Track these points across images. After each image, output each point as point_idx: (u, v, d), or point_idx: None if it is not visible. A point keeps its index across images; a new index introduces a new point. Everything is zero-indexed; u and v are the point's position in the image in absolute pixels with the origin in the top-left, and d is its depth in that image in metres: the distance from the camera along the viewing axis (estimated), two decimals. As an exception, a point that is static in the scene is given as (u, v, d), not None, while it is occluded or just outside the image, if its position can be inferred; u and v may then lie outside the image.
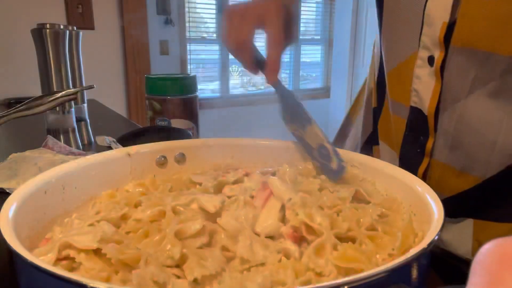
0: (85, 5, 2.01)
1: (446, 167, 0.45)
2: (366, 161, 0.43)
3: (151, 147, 0.48)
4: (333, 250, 0.30)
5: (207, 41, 3.23)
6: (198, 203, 0.36)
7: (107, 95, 1.93)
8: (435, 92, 0.43)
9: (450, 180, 0.45)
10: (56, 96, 0.60)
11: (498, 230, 0.43)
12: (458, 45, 0.40)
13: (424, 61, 0.43)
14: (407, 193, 0.37)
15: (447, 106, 0.43)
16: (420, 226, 0.33)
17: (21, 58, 1.79)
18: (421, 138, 0.46)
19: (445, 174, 0.45)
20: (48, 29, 0.81)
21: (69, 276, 0.21)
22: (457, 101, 0.42)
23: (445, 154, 0.44)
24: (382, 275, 0.22)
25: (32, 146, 0.75)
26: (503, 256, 0.15)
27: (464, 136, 0.42)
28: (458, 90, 0.41)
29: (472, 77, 0.40)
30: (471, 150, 0.42)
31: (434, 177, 0.46)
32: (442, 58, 0.41)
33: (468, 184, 0.43)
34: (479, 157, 0.42)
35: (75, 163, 0.40)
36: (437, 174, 0.46)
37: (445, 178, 0.45)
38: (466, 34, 0.39)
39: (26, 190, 0.33)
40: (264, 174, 0.43)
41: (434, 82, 0.43)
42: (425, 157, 0.46)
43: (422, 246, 0.24)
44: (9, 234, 0.26)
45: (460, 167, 0.44)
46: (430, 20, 0.41)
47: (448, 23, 0.40)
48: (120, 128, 1.15)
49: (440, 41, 0.41)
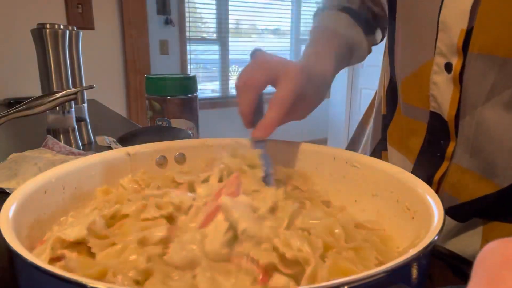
0: (85, 5, 2.01)
1: (467, 171, 0.44)
2: (366, 161, 0.43)
3: (151, 147, 0.48)
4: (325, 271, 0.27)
5: (207, 41, 3.23)
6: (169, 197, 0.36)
7: (107, 95, 1.93)
8: (453, 98, 0.42)
9: (469, 184, 0.44)
10: (56, 96, 0.60)
11: (509, 230, 0.43)
12: (475, 51, 0.40)
13: (440, 67, 0.43)
14: (407, 193, 0.37)
15: (466, 112, 0.42)
16: (420, 227, 0.33)
17: (21, 58, 1.80)
18: (442, 142, 0.46)
19: (464, 178, 0.45)
20: (48, 29, 0.81)
21: (69, 276, 0.21)
22: (475, 107, 0.41)
23: (466, 159, 0.44)
24: (382, 275, 0.22)
25: (32, 146, 0.75)
26: (504, 257, 0.15)
27: (483, 142, 0.42)
28: (476, 96, 0.41)
29: (490, 84, 0.40)
30: (491, 156, 0.42)
31: (451, 181, 0.46)
32: (460, 65, 0.41)
33: (488, 189, 0.43)
34: (498, 163, 0.42)
35: (75, 163, 0.40)
36: (455, 179, 0.45)
37: (463, 182, 0.45)
38: (484, 40, 0.39)
39: (26, 190, 0.33)
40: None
41: (452, 89, 0.42)
42: (444, 161, 0.46)
43: (422, 246, 0.24)
44: (9, 234, 0.26)
45: (481, 172, 0.43)
46: (446, 27, 0.41)
47: (466, 30, 0.40)
48: (120, 128, 1.15)
49: (458, 48, 0.41)
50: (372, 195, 0.42)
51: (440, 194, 0.45)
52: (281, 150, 0.49)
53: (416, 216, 0.35)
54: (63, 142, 0.83)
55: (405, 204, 0.37)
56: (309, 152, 0.48)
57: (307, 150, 0.48)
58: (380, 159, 0.42)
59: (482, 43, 0.39)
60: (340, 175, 0.45)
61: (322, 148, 0.48)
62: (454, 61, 0.41)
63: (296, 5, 3.57)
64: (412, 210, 0.36)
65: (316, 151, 0.48)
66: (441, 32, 0.42)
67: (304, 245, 0.28)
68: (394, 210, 0.39)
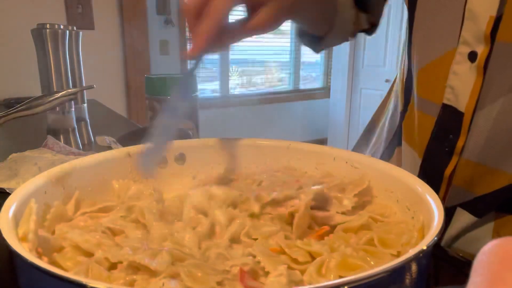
0: (85, 5, 2.01)
1: (478, 165, 0.44)
2: (366, 161, 0.43)
3: (151, 147, 0.48)
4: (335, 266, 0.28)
5: (207, 41, 3.22)
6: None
7: (107, 95, 1.93)
8: (475, 88, 0.42)
9: (482, 178, 0.44)
10: (56, 96, 0.60)
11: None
12: (503, 40, 0.39)
13: (464, 57, 0.43)
14: (407, 193, 0.37)
15: (485, 104, 0.42)
16: (419, 226, 0.33)
17: (21, 58, 1.79)
18: (451, 137, 0.45)
19: (476, 172, 0.44)
20: (48, 29, 0.81)
21: (69, 276, 0.21)
22: (498, 98, 0.41)
23: (477, 153, 0.44)
24: (382, 275, 0.22)
25: (32, 146, 0.75)
26: (504, 256, 0.15)
27: (500, 134, 0.42)
28: (499, 87, 0.41)
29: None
30: (506, 148, 0.42)
31: (463, 176, 0.45)
32: (486, 54, 0.41)
33: (504, 182, 0.43)
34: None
35: (75, 163, 0.40)
36: (467, 174, 0.45)
37: (476, 177, 0.44)
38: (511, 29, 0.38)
39: (26, 190, 0.33)
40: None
41: (474, 78, 0.42)
42: (453, 156, 0.45)
43: (422, 246, 0.24)
44: (9, 234, 0.26)
45: (494, 165, 0.43)
46: (474, 15, 0.41)
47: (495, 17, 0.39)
48: (120, 128, 1.15)
49: (486, 36, 0.40)
50: (373, 195, 0.42)
51: (454, 189, 0.46)
52: (281, 150, 0.49)
53: (416, 216, 0.35)
54: (63, 142, 0.83)
55: (405, 204, 0.37)
56: (309, 152, 0.48)
57: (307, 150, 0.48)
58: (393, 155, 0.41)
59: (510, 31, 0.38)
60: (340, 175, 0.45)
61: (322, 148, 0.48)
62: (480, 50, 0.41)
63: (296, 5, 3.56)
64: (412, 210, 0.36)
65: (316, 151, 0.48)
66: (467, 20, 0.42)
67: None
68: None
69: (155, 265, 0.27)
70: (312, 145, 0.48)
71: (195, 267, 0.28)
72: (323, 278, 0.28)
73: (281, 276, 0.27)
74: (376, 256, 0.30)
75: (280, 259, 0.31)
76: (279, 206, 0.39)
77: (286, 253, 0.31)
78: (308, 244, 0.32)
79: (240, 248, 0.33)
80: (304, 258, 0.31)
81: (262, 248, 0.32)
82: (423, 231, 0.31)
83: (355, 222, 0.36)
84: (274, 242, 0.33)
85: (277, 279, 0.27)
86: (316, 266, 0.29)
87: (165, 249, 0.29)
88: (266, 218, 0.38)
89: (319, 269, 0.28)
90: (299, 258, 0.30)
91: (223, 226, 0.36)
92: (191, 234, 0.34)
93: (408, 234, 0.32)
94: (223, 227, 0.36)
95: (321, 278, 0.28)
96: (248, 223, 0.36)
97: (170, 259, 0.28)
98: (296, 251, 0.31)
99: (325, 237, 0.35)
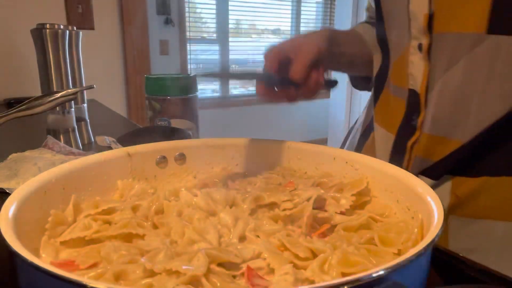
0: (85, 5, 2.00)
1: (433, 137, 0.52)
2: (366, 162, 0.43)
3: (151, 147, 0.48)
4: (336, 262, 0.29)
5: (207, 41, 3.23)
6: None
7: (107, 95, 1.93)
8: (424, 73, 0.52)
9: (435, 147, 0.52)
10: (56, 96, 0.60)
11: (473, 183, 0.50)
12: (438, 31, 0.49)
13: (415, 48, 0.52)
14: (407, 193, 0.37)
15: (434, 84, 0.51)
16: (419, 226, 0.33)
17: (21, 58, 1.79)
18: (415, 114, 0.54)
19: (430, 142, 0.53)
20: (48, 29, 0.81)
21: (69, 276, 0.21)
22: (438, 79, 0.50)
23: (431, 126, 0.52)
24: (382, 275, 0.22)
25: (32, 146, 0.75)
26: None
27: (444, 108, 0.51)
28: (439, 69, 0.50)
29: (448, 57, 0.49)
30: (451, 119, 0.50)
31: (421, 147, 0.53)
32: (427, 44, 0.50)
33: (453, 147, 0.51)
34: (458, 124, 0.50)
35: (75, 163, 0.40)
36: (423, 144, 0.53)
37: (430, 146, 0.53)
38: (441, 21, 0.49)
39: (26, 190, 0.33)
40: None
41: (424, 65, 0.52)
42: (416, 131, 0.54)
43: (422, 246, 0.24)
44: (9, 234, 0.26)
45: (444, 134, 0.51)
46: (414, 15, 0.51)
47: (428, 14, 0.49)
48: (120, 128, 1.15)
49: (424, 30, 0.50)
50: (372, 196, 0.42)
51: (416, 159, 0.54)
52: (281, 150, 0.49)
53: (416, 216, 0.35)
54: (63, 142, 0.83)
55: (405, 204, 0.37)
56: (309, 152, 0.48)
57: (307, 150, 0.48)
58: (368, 140, 0.51)
59: (441, 23, 0.49)
60: (340, 175, 0.45)
61: (322, 148, 0.48)
62: (424, 41, 0.51)
63: (296, 5, 3.57)
64: (412, 210, 0.36)
65: (316, 151, 0.48)
66: (411, 19, 0.51)
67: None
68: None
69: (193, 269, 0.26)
70: (312, 145, 0.48)
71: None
72: (326, 275, 0.28)
73: (287, 274, 0.28)
74: (378, 254, 0.30)
75: (284, 256, 0.31)
76: (277, 207, 0.39)
77: (289, 250, 0.31)
78: (310, 241, 0.32)
79: (248, 245, 0.33)
80: (305, 255, 0.31)
81: (267, 245, 0.32)
82: (423, 231, 0.31)
83: (354, 221, 0.36)
84: (276, 240, 0.33)
85: (283, 277, 0.28)
86: (319, 263, 0.29)
87: (201, 251, 0.29)
88: (265, 217, 0.38)
89: (321, 266, 0.29)
90: (300, 254, 0.31)
91: (230, 226, 0.36)
92: (213, 232, 0.34)
93: (408, 233, 0.32)
94: (230, 227, 0.36)
95: (324, 275, 0.28)
96: (251, 221, 0.36)
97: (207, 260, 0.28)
98: (298, 247, 0.31)
99: (327, 236, 0.35)
